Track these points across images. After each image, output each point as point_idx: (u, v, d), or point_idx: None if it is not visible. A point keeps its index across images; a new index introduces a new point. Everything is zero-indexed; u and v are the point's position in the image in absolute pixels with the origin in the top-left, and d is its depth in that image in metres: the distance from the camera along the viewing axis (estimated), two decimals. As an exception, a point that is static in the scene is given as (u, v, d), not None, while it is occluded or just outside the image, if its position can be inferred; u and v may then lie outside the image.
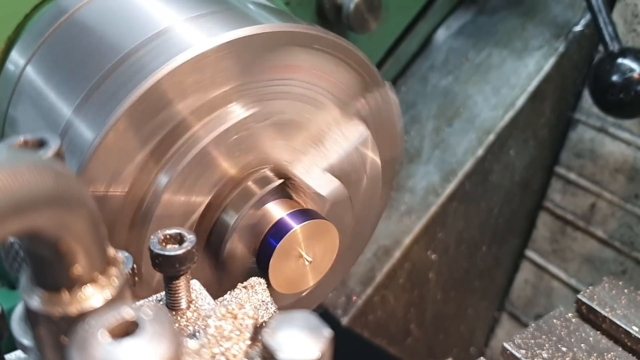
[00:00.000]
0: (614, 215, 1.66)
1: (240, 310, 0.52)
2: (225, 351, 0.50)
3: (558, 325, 0.88)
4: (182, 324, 0.64)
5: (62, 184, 0.38)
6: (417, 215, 1.59)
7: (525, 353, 0.84)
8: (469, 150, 1.59)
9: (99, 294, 0.40)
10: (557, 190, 1.76)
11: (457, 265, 1.71)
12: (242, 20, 0.85)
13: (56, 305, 0.39)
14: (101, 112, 0.77)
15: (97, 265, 0.41)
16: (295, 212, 0.88)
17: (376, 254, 1.58)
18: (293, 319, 0.41)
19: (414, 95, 1.73)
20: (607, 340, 0.86)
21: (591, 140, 1.67)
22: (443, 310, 1.74)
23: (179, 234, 0.63)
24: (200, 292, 0.68)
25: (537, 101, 1.62)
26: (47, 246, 0.38)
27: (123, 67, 0.81)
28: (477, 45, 1.72)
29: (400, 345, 1.68)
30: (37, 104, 0.90)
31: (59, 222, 0.38)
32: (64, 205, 0.38)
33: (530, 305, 1.84)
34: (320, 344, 0.40)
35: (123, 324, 0.37)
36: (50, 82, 0.90)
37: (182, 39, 0.82)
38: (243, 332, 0.51)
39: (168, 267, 0.62)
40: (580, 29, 1.61)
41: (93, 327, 0.36)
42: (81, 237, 0.39)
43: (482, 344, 1.90)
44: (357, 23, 1.41)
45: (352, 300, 1.56)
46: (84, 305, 0.40)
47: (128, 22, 0.89)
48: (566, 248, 1.76)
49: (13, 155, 0.38)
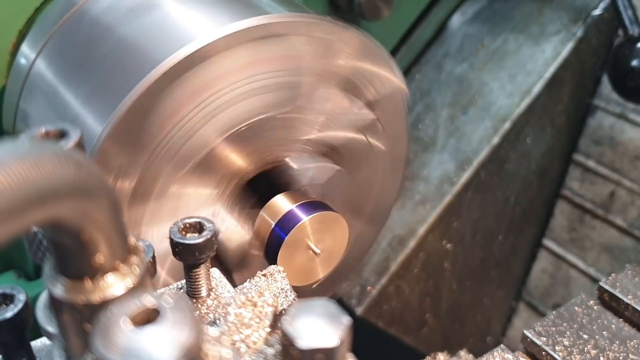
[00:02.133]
0: (633, 203, 1.65)
1: (259, 298, 0.53)
2: (245, 338, 0.51)
3: (579, 313, 0.88)
4: (202, 311, 0.65)
5: (83, 174, 0.39)
6: (432, 204, 1.59)
7: (546, 340, 0.84)
8: (485, 139, 1.59)
9: (121, 282, 0.42)
10: (576, 178, 1.75)
11: (473, 255, 1.72)
12: (250, 10, 0.85)
13: (79, 293, 0.41)
14: (109, 104, 0.78)
15: (119, 254, 0.42)
16: (304, 204, 0.89)
17: (391, 244, 1.59)
18: (312, 307, 0.42)
19: (429, 83, 1.73)
20: (629, 327, 0.87)
21: (610, 127, 1.66)
22: (459, 300, 1.74)
23: (199, 222, 0.64)
24: (220, 280, 0.69)
25: (554, 88, 1.61)
26: (70, 235, 0.40)
27: (131, 59, 0.82)
28: (492, 31, 1.71)
29: (415, 335, 1.69)
30: (47, 96, 0.91)
31: (81, 212, 0.39)
32: (86, 195, 0.39)
33: (548, 295, 1.84)
34: (340, 331, 0.41)
35: (144, 311, 0.38)
36: (59, 74, 0.91)
37: (189, 30, 0.82)
38: (263, 319, 0.52)
39: (188, 256, 0.63)
40: (599, 13, 1.60)
41: (115, 315, 0.37)
42: (103, 227, 0.40)
43: (499, 333, 1.91)
44: (369, 10, 1.41)
45: (366, 290, 1.57)
46: (106, 293, 0.41)
47: (137, 14, 0.89)
48: (584, 237, 1.76)
49: (35, 146, 0.39)
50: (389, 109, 0.99)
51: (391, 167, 1.06)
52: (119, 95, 0.77)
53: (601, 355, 0.82)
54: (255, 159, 0.89)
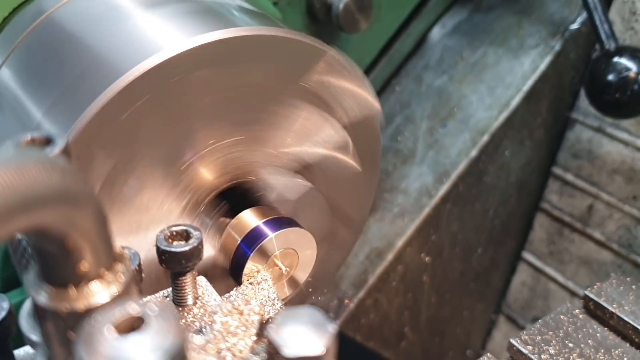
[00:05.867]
0: (611, 217, 1.69)
1: (246, 306, 0.54)
2: (231, 347, 0.52)
3: (565, 322, 0.90)
4: (188, 319, 0.66)
5: (68, 181, 0.40)
6: (410, 217, 1.61)
7: (532, 349, 0.86)
8: (463, 152, 1.61)
9: (106, 290, 0.42)
10: (554, 191, 1.79)
11: (452, 268, 1.74)
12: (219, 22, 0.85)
13: (63, 301, 0.41)
14: (71, 115, 0.77)
15: (104, 262, 0.43)
16: (271, 220, 0.89)
17: (369, 257, 1.60)
18: (298, 315, 0.43)
19: (408, 95, 1.75)
20: (614, 336, 0.89)
21: (589, 140, 1.70)
22: (438, 313, 1.76)
23: (185, 230, 0.65)
24: (206, 289, 0.70)
25: (533, 101, 1.65)
26: (55, 243, 0.40)
27: (96, 70, 0.81)
28: (472, 44, 1.75)
29: (394, 349, 1.70)
30: (10, 105, 0.90)
31: (66, 219, 0.40)
32: (71, 202, 0.40)
33: (528, 308, 1.87)
34: (325, 339, 0.42)
35: (129, 319, 0.39)
36: (22, 84, 0.90)
37: (156, 40, 0.81)
38: (249, 327, 0.53)
39: (174, 264, 0.64)
40: (577, 27, 1.64)
41: (99, 323, 0.38)
42: (88, 234, 0.41)
43: (479, 346, 1.93)
44: (347, 23, 1.42)
45: (344, 304, 1.58)
46: (90, 301, 0.42)
47: (105, 24, 0.89)
48: (563, 250, 1.79)
49: (20, 153, 0.40)
50: (362, 128, 1.00)
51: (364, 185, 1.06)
52: (82, 105, 0.76)
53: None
54: (224, 172, 0.90)
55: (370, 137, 1.02)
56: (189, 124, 0.82)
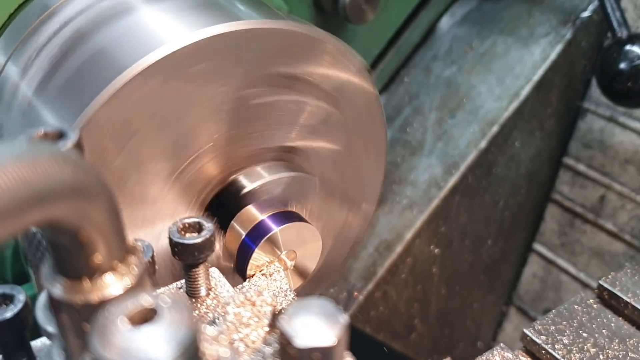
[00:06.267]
0: (624, 207, 1.68)
1: (258, 297, 0.55)
2: (244, 337, 0.52)
3: (579, 311, 0.90)
4: (201, 311, 0.67)
5: (81, 175, 0.40)
6: (419, 208, 1.61)
7: (546, 339, 0.86)
8: (472, 143, 1.61)
9: (119, 282, 0.43)
10: (566, 182, 1.78)
11: (462, 260, 1.74)
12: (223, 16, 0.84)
13: (78, 293, 0.42)
14: (74, 110, 0.77)
15: (117, 254, 0.43)
16: (276, 214, 0.89)
17: (378, 249, 1.60)
18: (310, 306, 0.43)
19: (417, 86, 1.75)
20: (629, 326, 0.89)
21: (600, 130, 1.69)
22: (448, 305, 1.76)
23: (198, 222, 0.66)
24: (219, 280, 0.70)
25: (543, 91, 1.64)
26: (68, 236, 0.41)
27: (99, 64, 0.81)
28: (481, 34, 1.74)
29: (404, 341, 1.70)
30: (15, 100, 0.91)
31: (79, 212, 0.40)
32: (84, 195, 0.40)
33: (539, 300, 1.86)
34: (337, 330, 0.42)
35: (142, 311, 0.39)
36: (27, 79, 0.91)
37: (160, 34, 0.81)
38: (261, 318, 0.53)
39: (187, 256, 0.65)
40: (588, 15, 1.63)
41: (113, 314, 0.38)
42: (101, 227, 0.42)
43: (489, 338, 1.93)
44: (353, 14, 1.42)
45: (353, 296, 1.58)
46: (104, 293, 0.42)
47: (110, 19, 0.89)
48: (575, 241, 1.78)
49: (32, 147, 0.40)
50: (363, 115, 1.00)
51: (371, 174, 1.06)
52: (85, 100, 0.76)
53: (600, 354, 0.84)
54: (229, 166, 0.90)
55: (373, 123, 1.02)
56: (194, 117, 0.83)
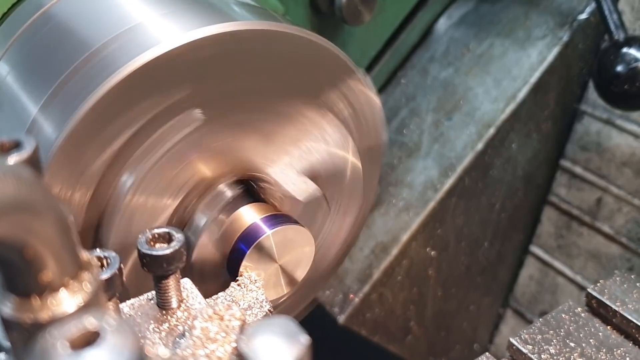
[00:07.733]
0: (620, 210, 1.66)
1: (227, 311, 0.53)
2: (210, 353, 0.51)
3: (567, 320, 0.88)
4: (172, 323, 0.65)
5: (24, 190, 0.39)
6: (416, 211, 1.60)
7: (532, 349, 0.84)
8: (469, 145, 1.60)
9: (71, 300, 0.41)
10: (562, 184, 1.77)
11: (458, 262, 1.72)
12: (217, 17, 0.84)
13: (27, 312, 0.40)
14: (65, 111, 0.77)
15: (69, 271, 0.41)
16: (268, 216, 0.88)
17: (374, 251, 1.59)
18: (271, 325, 0.42)
19: (414, 87, 1.73)
20: (617, 335, 0.87)
21: (597, 132, 1.68)
22: (444, 307, 1.75)
23: (168, 233, 0.64)
24: (191, 291, 0.69)
25: (540, 93, 1.63)
26: (13, 252, 0.39)
27: (91, 64, 0.81)
28: (478, 36, 1.72)
29: (399, 343, 1.69)
30: (8, 102, 0.91)
31: (24, 228, 0.39)
32: (28, 211, 0.39)
33: (535, 302, 1.85)
34: (296, 350, 0.40)
35: (85, 334, 0.37)
36: (19, 79, 0.91)
37: (152, 35, 0.81)
38: (229, 333, 0.52)
39: (156, 267, 0.63)
40: (585, 17, 1.62)
41: (54, 337, 0.37)
42: (49, 242, 0.40)
43: (486, 340, 1.91)
44: (350, 15, 1.42)
45: (349, 298, 1.57)
46: (55, 312, 0.41)
47: (101, 18, 0.89)
48: (572, 244, 1.77)
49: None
50: (364, 122, 0.98)
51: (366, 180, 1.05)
52: (76, 100, 0.76)
53: (587, 364, 0.82)
54: (227, 168, 0.89)
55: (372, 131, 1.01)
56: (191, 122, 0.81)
